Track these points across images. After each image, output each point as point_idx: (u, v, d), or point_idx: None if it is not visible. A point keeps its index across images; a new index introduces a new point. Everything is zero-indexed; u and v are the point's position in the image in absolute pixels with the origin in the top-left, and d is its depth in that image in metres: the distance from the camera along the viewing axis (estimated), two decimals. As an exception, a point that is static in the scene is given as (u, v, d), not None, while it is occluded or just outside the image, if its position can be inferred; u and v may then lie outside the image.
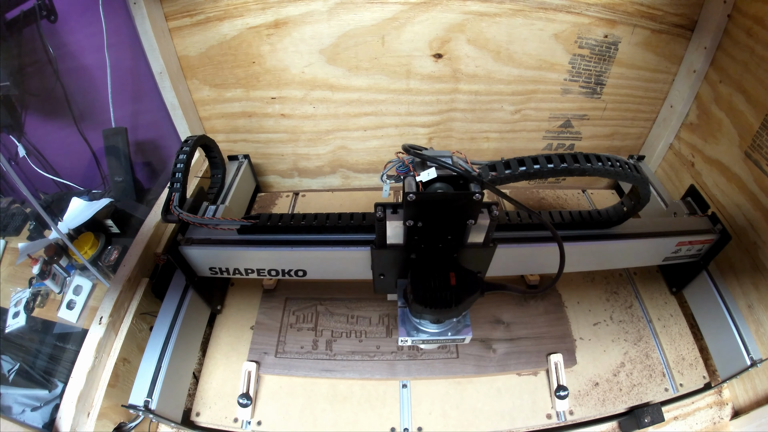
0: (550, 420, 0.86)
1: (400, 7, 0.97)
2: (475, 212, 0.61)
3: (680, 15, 1.01)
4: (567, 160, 0.62)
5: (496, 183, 0.63)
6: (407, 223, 0.62)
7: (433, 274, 0.65)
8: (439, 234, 0.65)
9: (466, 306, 0.65)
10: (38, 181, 1.33)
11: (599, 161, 0.63)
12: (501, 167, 0.63)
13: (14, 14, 1.01)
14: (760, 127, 0.89)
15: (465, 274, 0.66)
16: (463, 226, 0.63)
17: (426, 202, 0.59)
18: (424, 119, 1.18)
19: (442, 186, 0.60)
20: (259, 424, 0.85)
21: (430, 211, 0.61)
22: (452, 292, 0.63)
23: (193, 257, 0.82)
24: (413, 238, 0.66)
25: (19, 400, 0.95)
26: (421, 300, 0.63)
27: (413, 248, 0.67)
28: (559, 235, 0.64)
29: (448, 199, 0.59)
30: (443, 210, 0.61)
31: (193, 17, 0.99)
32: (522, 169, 0.62)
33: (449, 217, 0.62)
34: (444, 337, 0.71)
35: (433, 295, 0.63)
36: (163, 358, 0.81)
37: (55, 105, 1.19)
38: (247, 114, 1.17)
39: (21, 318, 1.04)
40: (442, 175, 0.59)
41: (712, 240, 0.89)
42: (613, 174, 0.64)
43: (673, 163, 1.20)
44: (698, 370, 0.93)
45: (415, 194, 0.57)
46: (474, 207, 0.60)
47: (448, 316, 0.68)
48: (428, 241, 0.66)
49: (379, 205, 0.64)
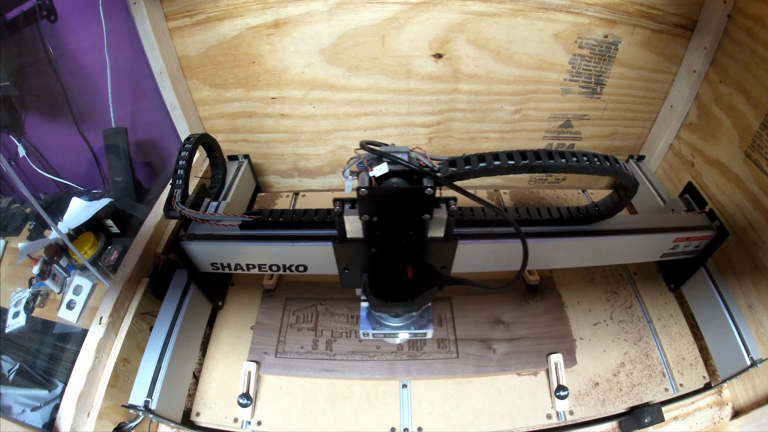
0: (550, 420, 0.86)
1: (400, 7, 0.97)
2: (429, 207, 0.62)
3: (680, 15, 1.01)
4: (528, 157, 0.62)
5: (456, 179, 0.63)
6: (363, 218, 0.63)
7: (390, 268, 0.66)
8: (400, 229, 0.65)
9: (423, 300, 0.66)
10: (38, 181, 1.33)
11: (563, 158, 0.62)
12: (461, 163, 0.63)
13: (14, 14, 1.01)
14: (760, 127, 0.89)
15: (424, 268, 0.66)
16: (420, 221, 0.64)
17: (378, 197, 0.59)
18: (424, 119, 1.18)
19: (399, 181, 0.60)
20: (259, 424, 0.85)
21: (385, 206, 0.61)
22: (408, 286, 0.63)
23: (194, 253, 0.82)
24: (375, 232, 0.66)
25: (19, 400, 0.95)
26: (377, 293, 0.63)
27: (375, 242, 0.68)
28: (522, 231, 0.63)
29: (399, 193, 0.60)
30: (398, 205, 0.61)
31: (193, 17, 0.99)
32: (482, 165, 0.62)
33: (405, 212, 0.62)
34: (406, 331, 0.71)
35: (389, 289, 0.63)
36: (163, 358, 0.81)
37: (55, 105, 1.19)
38: (247, 114, 1.17)
39: (21, 318, 1.04)
40: (396, 170, 0.59)
41: (709, 236, 0.89)
42: (580, 169, 0.63)
43: (673, 163, 1.20)
44: (698, 370, 0.93)
45: (367, 189, 0.58)
46: (428, 202, 0.60)
47: (406, 309, 0.68)
48: (390, 235, 0.66)
49: (338, 200, 0.64)
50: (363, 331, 0.71)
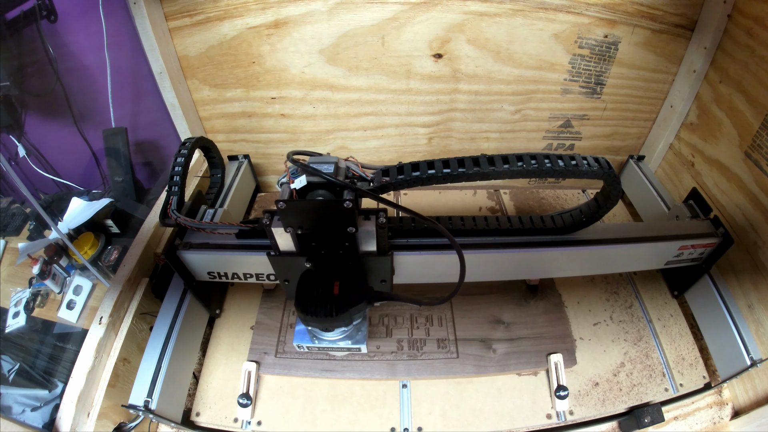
0: (550, 420, 0.86)
1: (400, 7, 0.97)
2: (352, 220, 0.60)
3: (680, 15, 1.01)
4: (466, 164, 0.59)
5: (388, 189, 0.61)
6: (288, 230, 0.62)
7: (319, 283, 0.64)
8: (333, 242, 0.64)
9: (350, 315, 0.64)
10: (38, 181, 1.33)
11: (506, 163, 0.59)
12: (394, 172, 0.62)
13: (14, 14, 1.01)
14: (760, 127, 0.89)
15: (353, 283, 0.65)
16: (349, 234, 0.62)
17: (299, 209, 0.58)
18: (424, 119, 1.18)
19: (324, 193, 0.59)
20: (259, 424, 0.85)
21: (308, 219, 0.60)
22: (333, 302, 0.62)
23: (191, 262, 0.81)
24: (310, 244, 0.65)
25: (19, 400, 0.95)
26: (301, 308, 0.62)
27: (310, 255, 0.66)
28: (457, 242, 0.62)
29: (317, 207, 0.58)
30: (321, 218, 0.60)
31: (193, 17, 0.99)
32: (415, 174, 0.60)
33: (329, 225, 0.61)
34: (339, 345, 0.71)
35: (314, 304, 0.62)
36: (163, 358, 0.81)
37: (55, 105, 1.19)
38: (247, 114, 1.17)
39: (21, 318, 1.04)
40: (316, 182, 0.58)
41: (714, 243, 0.88)
42: (524, 173, 0.60)
43: (673, 163, 1.20)
44: (698, 370, 0.93)
45: (285, 202, 0.57)
46: (349, 215, 0.59)
47: (334, 325, 0.67)
48: (324, 248, 0.65)
49: (267, 211, 0.63)
50: (296, 343, 0.71)
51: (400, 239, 0.77)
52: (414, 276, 0.80)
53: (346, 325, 0.69)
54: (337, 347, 0.72)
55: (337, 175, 0.60)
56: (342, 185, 0.58)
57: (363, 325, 0.72)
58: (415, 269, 0.79)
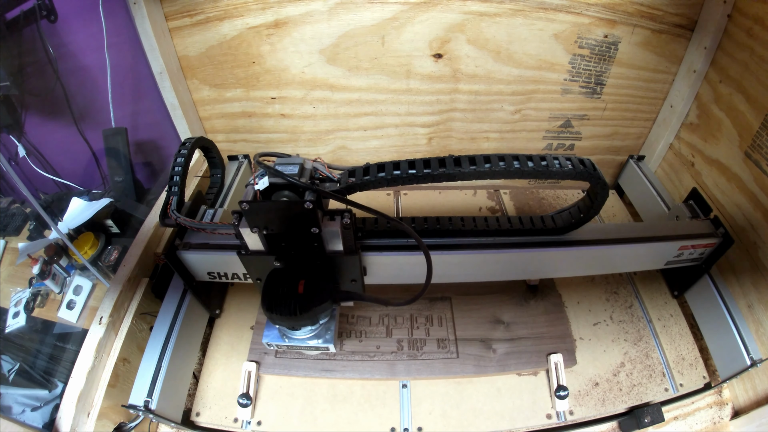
0: (550, 420, 0.86)
1: (400, 7, 0.97)
2: (315, 221, 0.60)
3: (680, 15, 1.01)
4: (432, 165, 0.59)
5: (355, 189, 0.62)
6: (254, 231, 0.62)
7: (284, 282, 0.65)
8: (301, 242, 0.64)
9: (314, 314, 0.65)
10: (38, 181, 1.33)
11: (472, 164, 0.59)
12: (360, 173, 0.62)
13: (14, 14, 1.01)
14: (760, 127, 0.89)
15: (320, 282, 0.65)
16: (315, 234, 0.63)
17: (262, 210, 0.59)
18: (424, 119, 1.18)
19: (290, 194, 0.60)
20: (259, 424, 0.85)
21: (273, 219, 0.60)
22: (297, 300, 0.63)
23: (191, 262, 0.81)
24: (279, 244, 0.65)
25: (19, 400, 0.95)
26: (267, 306, 0.63)
27: (279, 255, 0.67)
28: (424, 243, 0.62)
29: (279, 207, 0.59)
30: (285, 219, 0.60)
31: (193, 17, 0.99)
32: (381, 175, 0.60)
33: (293, 225, 0.61)
34: (307, 344, 0.71)
35: (278, 302, 0.63)
36: (163, 358, 0.81)
37: (55, 105, 1.19)
38: (247, 114, 1.17)
39: (21, 318, 1.04)
40: (280, 183, 0.58)
41: (714, 243, 0.88)
42: (491, 174, 0.59)
43: (673, 163, 1.20)
44: (698, 370, 0.93)
45: (248, 203, 0.58)
46: (311, 215, 0.59)
47: (300, 323, 0.67)
48: (293, 248, 0.65)
49: (235, 212, 0.64)
50: (265, 341, 0.73)
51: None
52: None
53: (312, 324, 0.70)
54: (306, 346, 0.73)
55: (301, 176, 0.61)
56: (303, 186, 0.58)
57: (332, 324, 0.73)
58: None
